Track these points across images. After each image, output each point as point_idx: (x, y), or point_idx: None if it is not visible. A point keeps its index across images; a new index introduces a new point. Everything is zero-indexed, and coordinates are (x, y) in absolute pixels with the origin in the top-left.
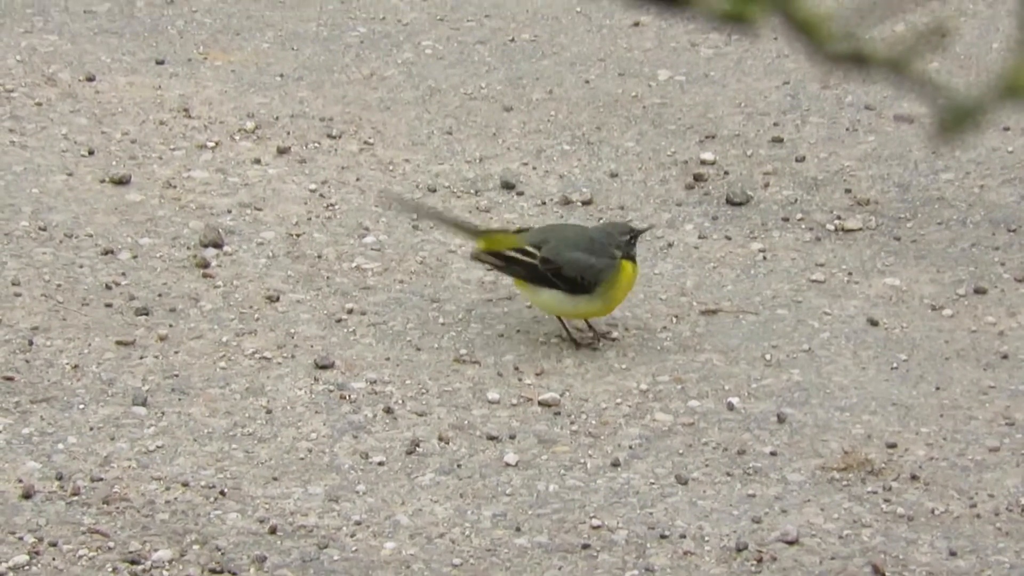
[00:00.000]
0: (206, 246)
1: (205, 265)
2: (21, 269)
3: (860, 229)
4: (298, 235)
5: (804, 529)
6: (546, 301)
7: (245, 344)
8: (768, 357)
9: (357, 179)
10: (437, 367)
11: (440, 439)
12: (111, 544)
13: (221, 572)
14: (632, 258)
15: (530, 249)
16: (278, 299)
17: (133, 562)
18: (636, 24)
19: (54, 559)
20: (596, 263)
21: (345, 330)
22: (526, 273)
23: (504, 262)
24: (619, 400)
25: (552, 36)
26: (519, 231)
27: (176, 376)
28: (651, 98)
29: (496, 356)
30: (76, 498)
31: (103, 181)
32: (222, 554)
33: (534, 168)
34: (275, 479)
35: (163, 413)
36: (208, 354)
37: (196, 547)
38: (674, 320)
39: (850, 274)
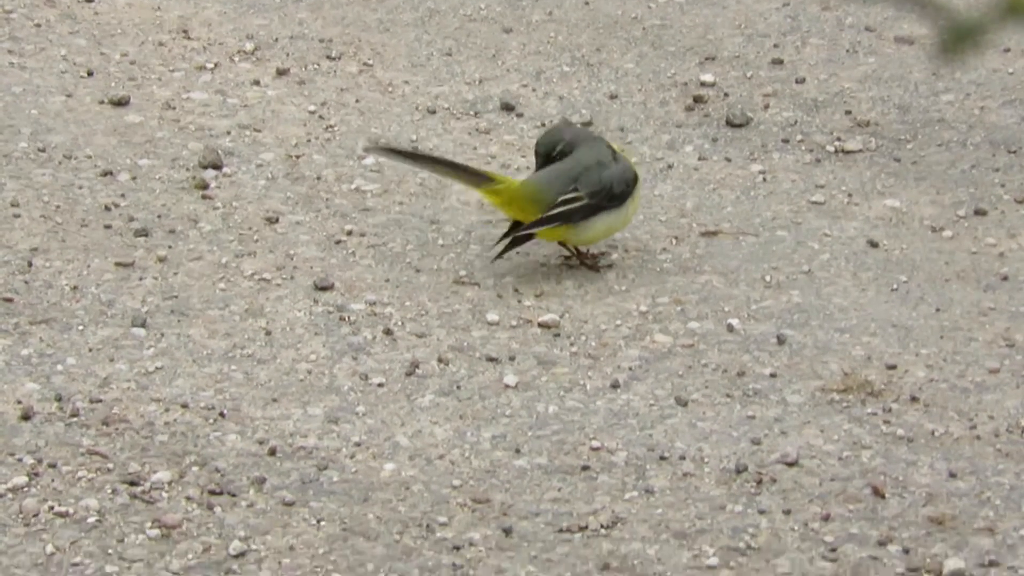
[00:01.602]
0: (205, 167)
1: (204, 186)
2: (20, 190)
3: (860, 151)
4: (297, 156)
5: (804, 451)
6: (599, 230)
7: (244, 265)
8: (768, 279)
9: (356, 100)
10: (436, 288)
11: (439, 360)
12: (110, 465)
13: (220, 493)
14: None
15: (570, 195)
16: (277, 220)
17: (132, 483)
18: None
19: (53, 480)
20: (626, 166)
21: (344, 252)
22: (581, 216)
23: (552, 221)
24: (619, 322)
25: None
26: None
27: (175, 297)
28: (651, 19)
29: (495, 278)
30: (75, 419)
31: (102, 102)
32: (221, 475)
33: (534, 90)
34: (274, 400)
35: (162, 334)
36: (207, 275)
37: (195, 468)
38: (674, 242)
39: (850, 196)
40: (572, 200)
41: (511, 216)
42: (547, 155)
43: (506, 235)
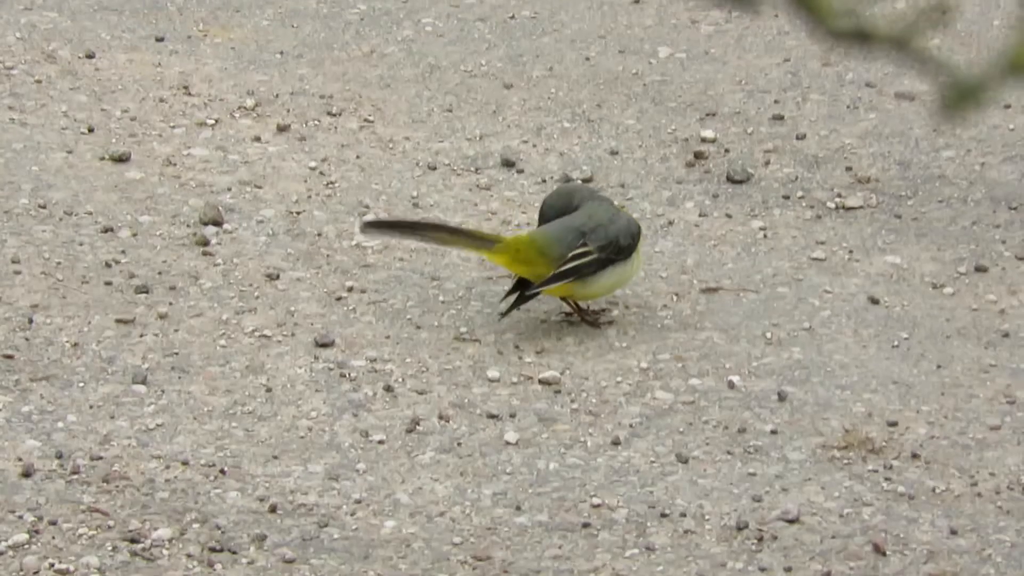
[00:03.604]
0: (206, 224)
1: (205, 243)
2: (21, 247)
3: (861, 207)
4: (298, 213)
5: (805, 508)
6: (606, 284)
7: (245, 322)
8: (769, 335)
9: (357, 157)
10: (437, 345)
11: (440, 417)
12: (111, 523)
13: (221, 550)
14: None
15: (579, 249)
16: (278, 277)
17: (133, 540)
18: (636, 1)
19: (54, 537)
20: (629, 220)
21: (345, 308)
22: (591, 271)
23: (565, 278)
24: (619, 378)
25: (552, 13)
26: (503, 240)
27: (176, 354)
28: (651, 75)
29: (496, 334)
30: (76, 476)
31: (103, 158)
32: (222, 532)
33: (534, 145)
34: (275, 457)
35: (163, 391)
36: (208, 332)
37: (196, 525)
38: (674, 298)
39: (851, 252)
40: (582, 255)
41: (519, 273)
42: (554, 217)
43: (512, 291)
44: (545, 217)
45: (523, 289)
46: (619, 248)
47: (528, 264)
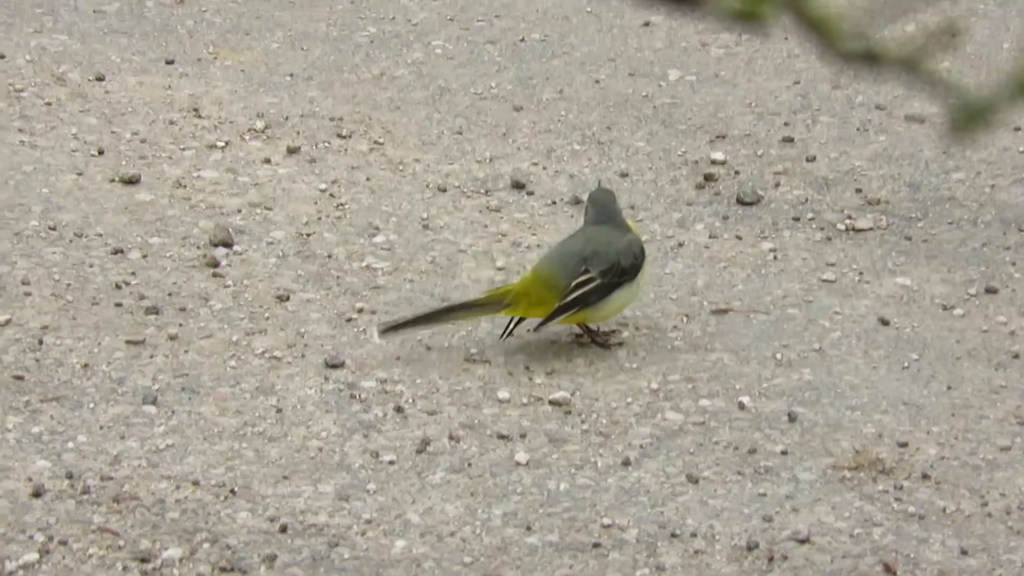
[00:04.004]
0: (216, 245)
1: (215, 264)
2: (31, 268)
3: (871, 229)
4: (308, 235)
5: (815, 528)
6: (614, 306)
7: (255, 343)
8: (779, 356)
9: (367, 179)
10: (447, 366)
11: (451, 438)
12: (121, 543)
13: (231, 571)
14: None
15: (581, 278)
16: (288, 298)
17: (143, 560)
18: (646, 24)
19: (64, 558)
20: (632, 238)
21: (355, 329)
22: (597, 297)
23: (569, 309)
24: (630, 399)
25: (562, 36)
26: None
27: (186, 375)
28: (661, 98)
29: (506, 355)
30: (86, 497)
31: (113, 181)
32: (232, 553)
33: (544, 168)
34: (285, 478)
35: (173, 412)
36: (218, 353)
37: (206, 546)
38: (685, 319)
39: (861, 274)
40: (585, 283)
41: (538, 316)
42: (600, 211)
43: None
44: (594, 209)
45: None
46: (622, 270)
47: (542, 304)
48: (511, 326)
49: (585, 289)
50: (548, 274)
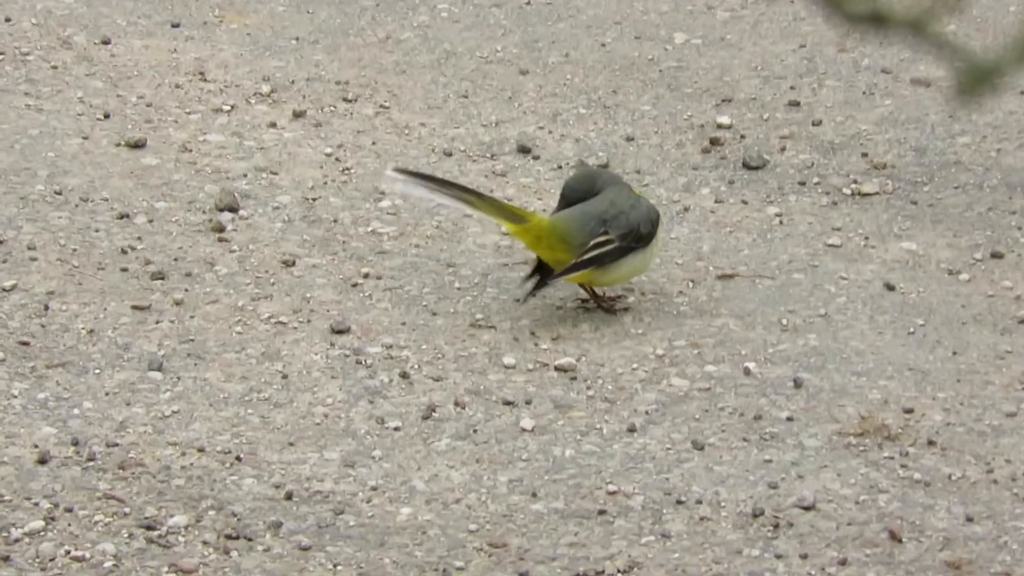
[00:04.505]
0: (222, 210)
1: (221, 229)
2: (37, 233)
3: (876, 193)
4: (314, 199)
5: (821, 495)
6: (625, 271)
7: (261, 309)
8: (784, 322)
9: (373, 143)
10: (453, 332)
11: (456, 404)
12: (127, 510)
13: (237, 538)
14: None
15: (601, 237)
16: (294, 263)
17: (149, 528)
18: None
19: (69, 525)
20: (648, 206)
21: (361, 295)
22: (612, 258)
23: (587, 266)
24: (635, 365)
25: None
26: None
27: (192, 341)
28: (667, 61)
29: (512, 321)
30: (91, 463)
31: (119, 145)
32: (238, 520)
33: (550, 132)
34: (291, 444)
35: (179, 378)
36: (224, 319)
37: (212, 513)
38: (690, 285)
39: (867, 238)
40: (604, 243)
41: (538, 254)
42: (576, 201)
43: (531, 275)
44: (567, 199)
45: (542, 275)
46: (639, 236)
47: (549, 249)
48: (531, 291)
49: (603, 250)
50: (565, 227)
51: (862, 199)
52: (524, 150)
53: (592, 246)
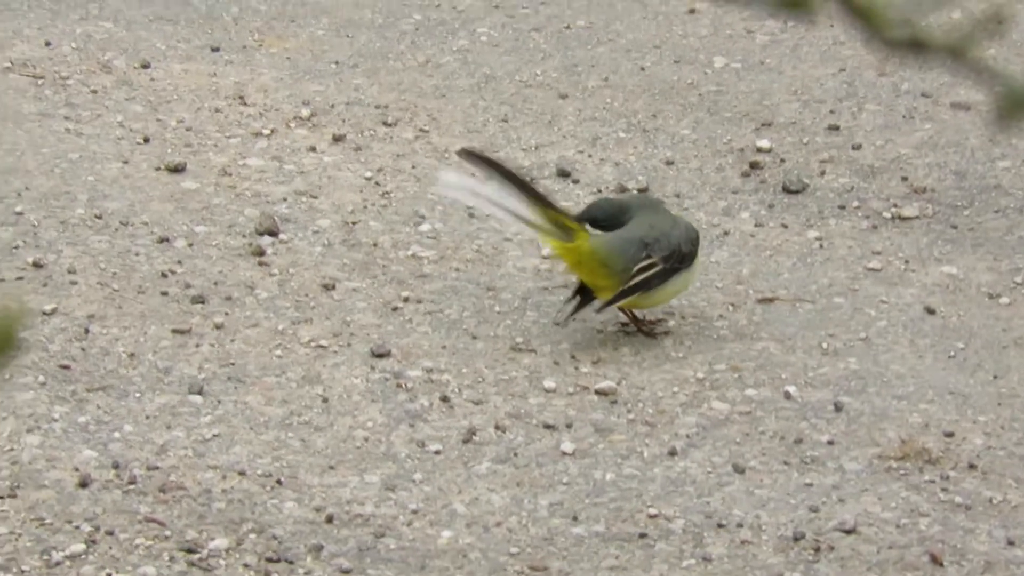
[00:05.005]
0: (262, 234)
1: (261, 253)
2: (77, 257)
3: (917, 217)
4: (354, 223)
5: (862, 518)
6: (668, 293)
7: (301, 332)
8: (825, 345)
9: (413, 167)
10: (493, 355)
11: (497, 428)
12: (167, 533)
13: (278, 561)
14: None
15: (644, 262)
16: (334, 287)
17: (190, 551)
18: (692, 11)
19: (110, 548)
20: (687, 226)
21: (401, 318)
22: (658, 281)
23: (633, 293)
24: (676, 389)
25: (607, 23)
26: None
27: (232, 364)
28: (707, 85)
29: (552, 344)
30: (132, 487)
31: (158, 169)
32: (279, 543)
33: (589, 156)
34: (331, 468)
35: (219, 402)
36: (264, 342)
37: (253, 536)
38: (730, 308)
39: (907, 262)
40: (648, 267)
41: (579, 276)
42: (601, 217)
43: (572, 297)
44: (590, 215)
45: (583, 297)
46: (682, 256)
47: (591, 273)
48: (571, 313)
49: (649, 274)
50: (606, 253)
51: (902, 223)
52: (564, 174)
53: (636, 271)
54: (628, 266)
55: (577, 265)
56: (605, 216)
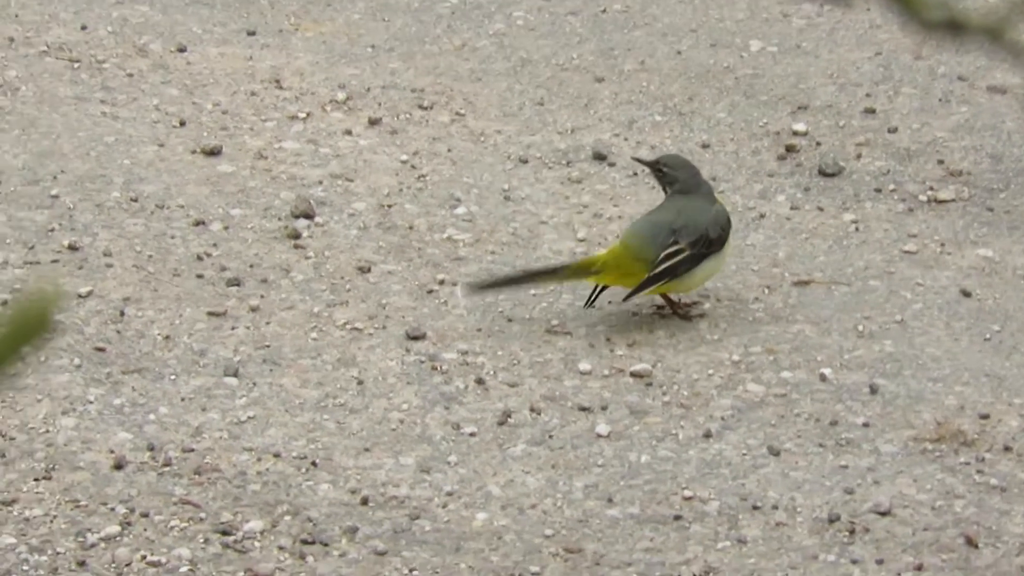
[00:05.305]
0: (297, 217)
1: (296, 236)
2: (113, 240)
3: (953, 200)
4: (389, 206)
5: (897, 500)
6: (700, 277)
7: (336, 315)
8: (860, 328)
9: (448, 150)
10: (528, 338)
11: (532, 410)
12: (202, 515)
13: (313, 543)
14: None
15: (671, 249)
16: (369, 270)
17: (224, 533)
18: None
19: (145, 530)
20: (719, 209)
21: (436, 301)
22: (686, 268)
23: (660, 280)
24: (711, 371)
25: (644, 7)
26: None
27: (267, 347)
28: (743, 69)
29: (588, 327)
30: (167, 469)
31: (194, 152)
32: (314, 525)
33: (626, 139)
34: (367, 450)
35: (254, 384)
36: (299, 325)
37: (288, 518)
38: (766, 291)
39: (943, 245)
40: (675, 254)
41: (627, 287)
42: (665, 176)
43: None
44: (686, 174)
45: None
46: (710, 241)
47: (630, 275)
48: (595, 295)
49: (674, 260)
50: (637, 245)
51: (938, 206)
52: (600, 157)
53: (663, 258)
54: (657, 253)
55: (620, 277)
56: (677, 164)
